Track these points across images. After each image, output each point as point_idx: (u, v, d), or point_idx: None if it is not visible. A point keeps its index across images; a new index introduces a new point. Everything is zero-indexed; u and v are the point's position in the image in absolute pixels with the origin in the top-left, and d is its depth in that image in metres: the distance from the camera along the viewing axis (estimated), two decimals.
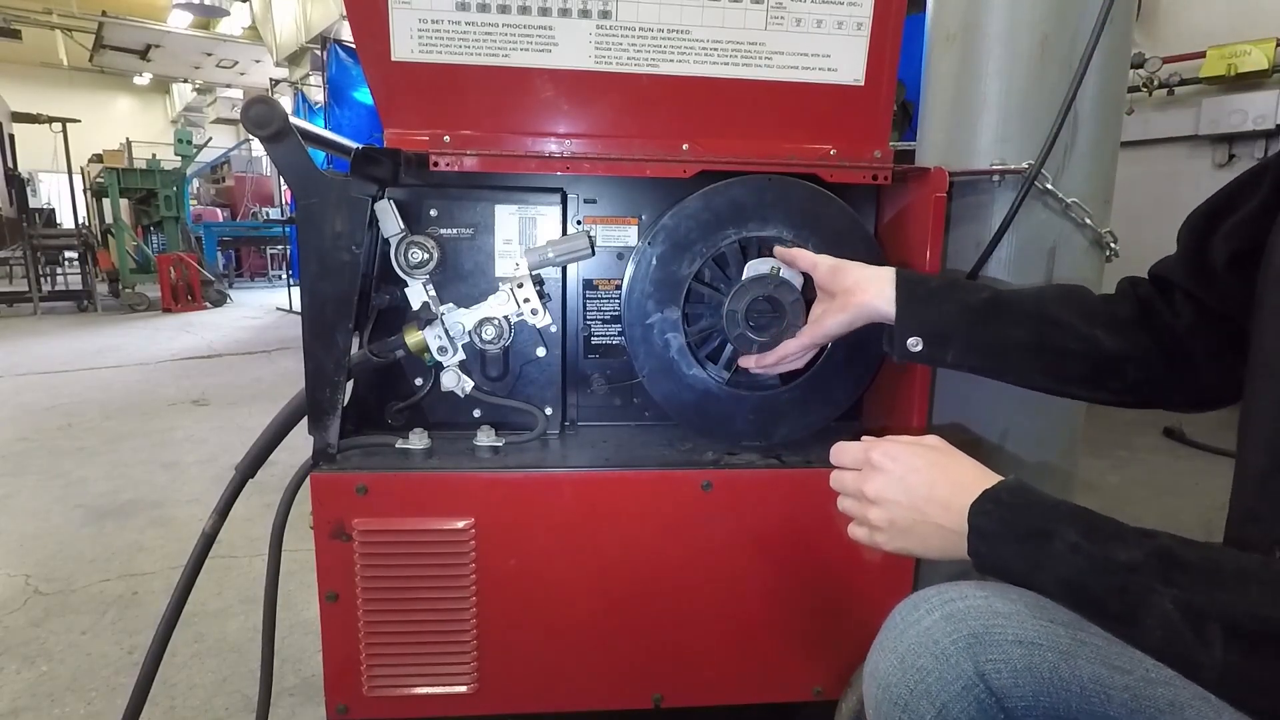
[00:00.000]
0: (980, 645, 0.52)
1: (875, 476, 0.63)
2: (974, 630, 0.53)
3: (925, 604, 0.57)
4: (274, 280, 10.98)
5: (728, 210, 0.99)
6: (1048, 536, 0.52)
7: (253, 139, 1.80)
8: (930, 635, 0.54)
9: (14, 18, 12.01)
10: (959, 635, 0.53)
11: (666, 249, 0.99)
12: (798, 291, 0.99)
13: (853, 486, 0.66)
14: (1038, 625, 0.53)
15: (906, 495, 0.61)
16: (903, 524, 0.61)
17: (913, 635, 0.55)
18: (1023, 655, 0.51)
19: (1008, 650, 0.52)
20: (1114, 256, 1.14)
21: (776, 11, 1.00)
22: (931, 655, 0.53)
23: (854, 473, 0.66)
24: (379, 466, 0.93)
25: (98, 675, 1.43)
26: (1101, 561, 0.50)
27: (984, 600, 0.55)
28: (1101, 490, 2.43)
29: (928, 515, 0.60)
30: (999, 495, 0.56)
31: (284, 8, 9.18)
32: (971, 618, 0.54)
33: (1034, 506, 0.55)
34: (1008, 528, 0.55)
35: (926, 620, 0.55)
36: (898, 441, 0.65)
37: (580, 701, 1.01)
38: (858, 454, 0.66)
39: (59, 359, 4.77)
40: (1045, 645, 0.52)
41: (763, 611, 1.00)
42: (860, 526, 0.66)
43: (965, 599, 0.56)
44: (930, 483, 0.60)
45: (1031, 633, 0.53)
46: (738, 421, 1.04)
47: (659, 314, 1.00)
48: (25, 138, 7.66)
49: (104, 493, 2.40)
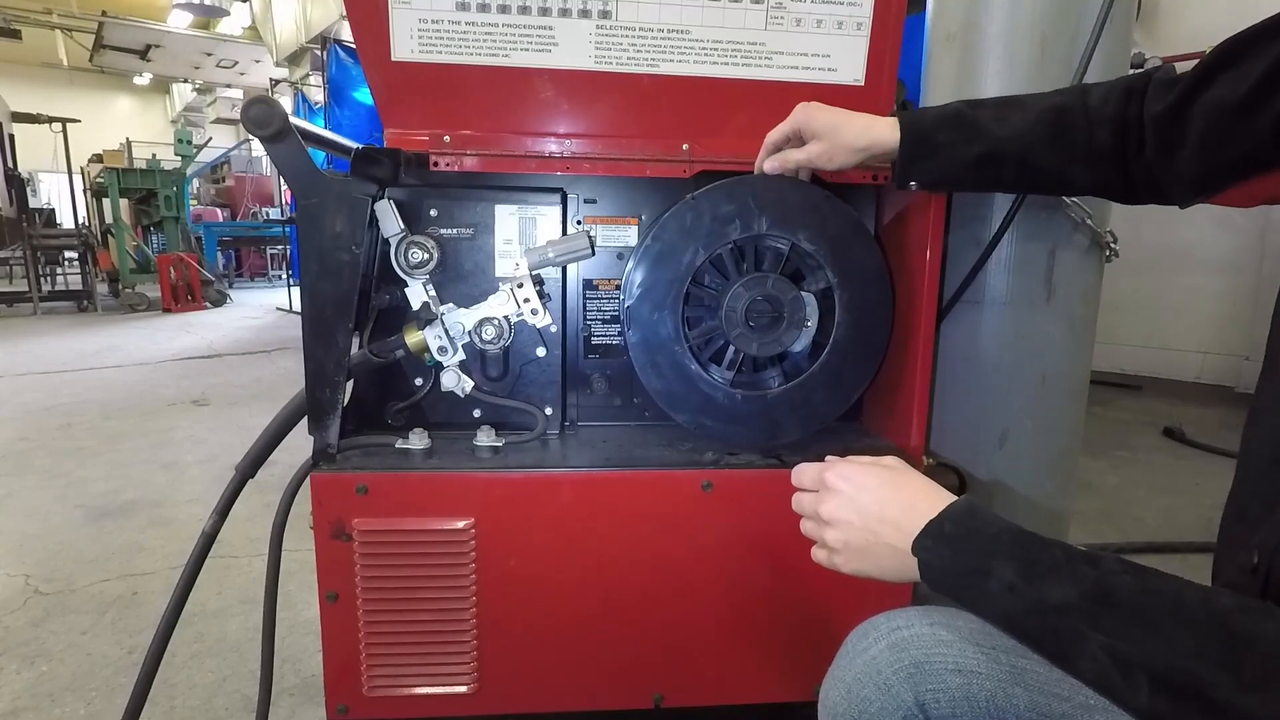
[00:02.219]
0: (920, 675, 0.53)
1: (830, 498, 0.63)
2: (915, 660, 0.54)
3: (874, 632, 0.58)
4: (274, 280, 10.98)
5: (727, 211, 0.99)
6: (985, 574, 0.52)
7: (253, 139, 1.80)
8: (875, 665, 0.55)
9: (14, 18, 12.01)
10: (901, 665, 0.54)
11: (665, 251, 0.99)
12: (796, 289, 0.99)
13: (810, 508, 0.66)
14: (978, 653, 0.54)
15: (859, 516, 0.60)
16: (857, 545, 0.61)
17: (860, 665, 0.56)
18: (961, 684, 0.52)
19: (946, 680, 0.53)
20: (1114, 256, 1.14)
21: (776, 11, 1.00)
22: (875, 685, 0.54)
23: (811, 494, 0.66)
24: (379, 466, 0.93)
25: (98, 675, 1.43)
26: (1034, 603, 0.49)
27: (929, 629, 0.56)
28: (1102, 490, 2.43)
29: (880, 536, 0.59)
30: (942, 528, 0.56)
31: (284, 8, 9.18)
32: (914, 646, 0.55)
33: (974, 539, 0.54)
34: (948, 564, 0.54)
35: (873, 649, 0.57)
36: (853, 462, 0.65)
37: (580, 701, 1.01)
38: (815, 475, 0.66)
39: (59, 359, 4.77)
40: (984, 674, 0.53)
41: (763, 611, 1.00)
42: (820, 549, 0.65)
43: (911, 627, 0.57)
44: (882, 503, 0.60)
45: (971, 661, 0.54)
46: (741, 422, 1.03)
47: (658, 317, 1.00)
48: (25, 138, 7.66)
49: (104, 493, 2.40)
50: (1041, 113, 0.76)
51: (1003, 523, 0.54)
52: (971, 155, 0.79)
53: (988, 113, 0.79)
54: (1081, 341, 1.19)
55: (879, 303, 1.02)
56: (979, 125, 0.78)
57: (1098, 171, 0.76)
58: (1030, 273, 1.13)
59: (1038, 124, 0.76)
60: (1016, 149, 0.78)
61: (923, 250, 0.99)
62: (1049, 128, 0.76)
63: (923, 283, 1.00)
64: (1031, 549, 0.51)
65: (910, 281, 1.03)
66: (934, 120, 0.81)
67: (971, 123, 0.79)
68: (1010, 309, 1.15)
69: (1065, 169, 0.78)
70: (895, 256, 1.06)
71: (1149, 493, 2.42)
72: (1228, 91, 0.63)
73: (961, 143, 0.80)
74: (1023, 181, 0.84)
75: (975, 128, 0.79)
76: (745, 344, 1.00)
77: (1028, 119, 0.77)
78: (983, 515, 0.56)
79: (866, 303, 1.02)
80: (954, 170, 0.82)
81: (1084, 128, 0.75)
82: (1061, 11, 1.06)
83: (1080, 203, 1.09)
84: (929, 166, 0.83)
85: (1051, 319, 1.15)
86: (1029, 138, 0.77)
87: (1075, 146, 0.76)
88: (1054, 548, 0.51)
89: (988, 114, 0.79)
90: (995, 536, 0.53)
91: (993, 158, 0.79)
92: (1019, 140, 0.77)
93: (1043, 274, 1.13)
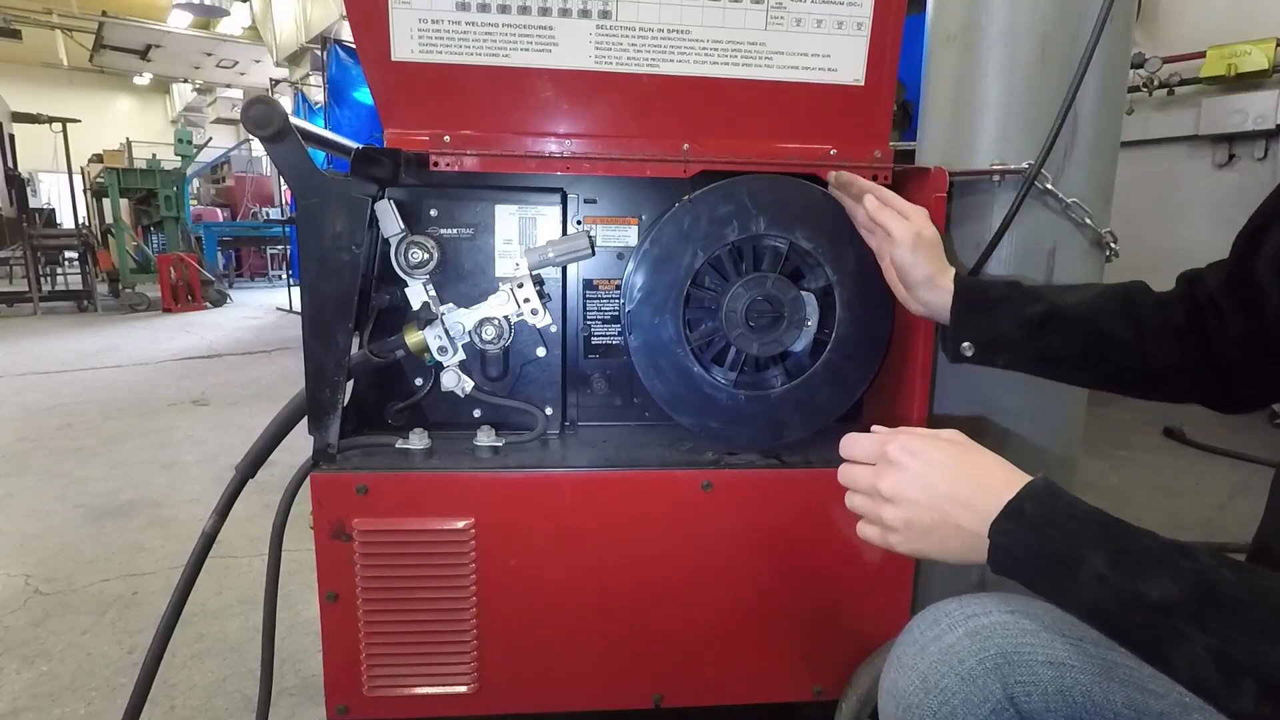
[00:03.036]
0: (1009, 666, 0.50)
1: (891, 472, 0.57)
2: (1002, 649, 0.51)
3: (946, 618, 0.54)
4: (274, 280, 10.98)
5: (724, 212, 0.99)
6: (1072, 565, 0.47)
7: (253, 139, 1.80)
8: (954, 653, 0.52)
9: (14, 18, 12.01)
10: (986, 655, 0.51)
11: (664, 254, 0.99)
12: (795, 289, 0.99)
13: (866, 483, 0.59)
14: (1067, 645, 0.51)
15: (927, 494, 0.55)
16: (921, 525, 0.55)
17: (935, 652, 0.52)
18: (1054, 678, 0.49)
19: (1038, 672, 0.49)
20: (1114, 257, 1.14)
21: (776, 11, 1.00)
22: (957, 675, 0.51)
23: (867, 468, 0.60)
24: (379, 466, 0.93)
25: (98, 675, 1.43)
26: (1130, 598, 0.45)
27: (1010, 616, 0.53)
28: (1102, 490, 2.43)
29: (949, 516, 0.53)
30: (1021, 509, 0.51)
31: (284, 8, 9.18)
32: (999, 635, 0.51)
33: (1058, 523, 0.49)
34: (1030, 551, 0.49)
35: (949, 636, 0.53)
36: (916, 434, 0.59)
37: (580, 701, 1.01)
38: (872, 447, 0.60)
39: (59, 359, 4.77)
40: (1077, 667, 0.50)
41: (763, 611, 1.00)
42: (871, 526, 0.60)
43: (989, 614, 0.53)
44: (952, 480, 0.54)
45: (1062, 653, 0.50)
46: (744, 423, 1.03)
47: (659, 320, 1.00)
48: (25, 138, 7.66)
49: (104, 493, 2.40)
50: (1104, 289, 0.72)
51: (1087, 506, 0.50)
52: (1034, 314, 0.73)
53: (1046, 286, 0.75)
54: None
55: (879, 299, 1.02)
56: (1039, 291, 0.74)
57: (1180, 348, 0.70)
58: (1030, 273, 1.13)
59: (1102, 297, 0.72)
60: (1084, 314, 0.72)
61: None
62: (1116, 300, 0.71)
63: None
64: (1123, 537, 0.48)
65: None
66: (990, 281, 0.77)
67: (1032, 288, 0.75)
68: None
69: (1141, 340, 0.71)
70: None
71: (1149, 493, 2.42)
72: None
73: (1022, 301, 0.74)
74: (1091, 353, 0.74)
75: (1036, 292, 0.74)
76: (746, 344, 1.00)
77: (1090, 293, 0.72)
78: (1065, 497, 0.51)
79: (867, 299, 1.02)
80: (1012, 330, 0.75)
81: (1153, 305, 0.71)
82: (1061, 11, 1.06)
83: (1080, 203, 1.09)
84: (984, 325, 0.76)
85: None
86: (1095, 305, 0.72)
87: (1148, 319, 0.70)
88: (1144, 537, 0.47)
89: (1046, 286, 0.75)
90: (1081, 521, 0.49)
91: (1057, 319, 0.73)
92: (1085, 307, 0.72)
93: (1043, 274, 1.13)
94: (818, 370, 1.03)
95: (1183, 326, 0.70)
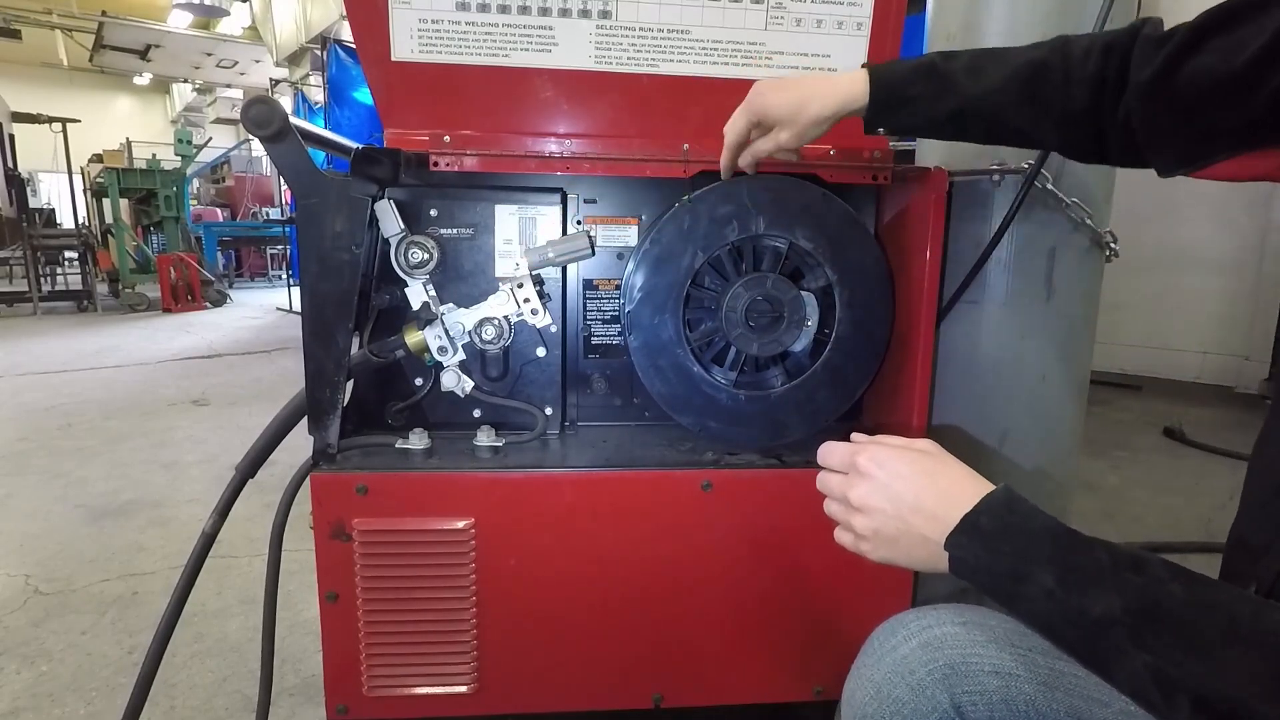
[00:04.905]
0: (956, 676, 0.51)
1: (860, 483, 0.59)
2: (950, 660, 0.52)
3: (903, 629, 0.56)
4: (274, 280, 10.97)
5: (724, 212, 0.99)
6: (1022, 579, 0.49)
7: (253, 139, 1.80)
8: (906, 664, 0.53)
9: (14, 18, 12.01)
10: (935, 665, 0.52)
11: (664, 254, 0.99)
12: (795, 289, 0.99)
13: (838, 491, 0.62)
14: (1015, 655, 0.52)
15: (892, 504, 0.57)
16: (887, 534, 0.57)
17: (889, 663, 0.54)
18: (999, 687, 0.51)
19: (984, 682, 0.51)
20: (1114, 256, 1.14)
21: (776, 11, 1.00)
22: (907, 685, 0.53)
23: (840, 476, 0.62)
24: (379, 466, 0.93)
25: (98, 675, 1.43)
26: (1075, 614, 0.46)
27: (961, 628, 0.54)
28: (1101, 490, 2.43)
29: (914, 526, 0.55)
30: (977, 523, 0.52)
31: (284, 8, 9.18)
32: (948, 646, 0.53)
33: (1011, 537, 0.51)
34: (982, 566, 0.51)
35: (904, 648, 0.55)
36: (886, 445, 0.61)
37: (580, 701, 1.01)
38: (845, 456, 0.62)
39: (59, 359, 4.77)
40: (1022, 676, 0.51)
41: (763, 611, 1.00)
42: (845, 533, 0.62)
43: (942, 625, 0.55)
44: (917, 491, 0.56)
45: (1008, 663, 0.52)
46: (745, 423, 1.03)
47: (659, 320, 1.00)
48: (25, 138, 7.66)
49: (104, 493, 2.40)
50: (1018, 69, 0.73)
51: (1043, 519, 0.51)
52: (942, 111, 0.77)
53: (961, 66, 0.76)
54: (1081, 341, 1.19)
55: (879, 298, 1.02)
56: (951, 80, 0.76)
57: (1069, 132, 0.73)
58: (1030, 273, 1.13)
59: (1012, 80, 0.73)
60: (988, 107, 0.75)
61: (923, 250, 0.99)
62: (1024, 85, 0.73)
63: (923, 282, 1.00)
64: (1073, 551, 0.48)
65: (910, 281, 1.03)
66: (905, 74, 0.78)
67: (943, 76, 0.76)
68: (1010, 309, 1.15)
69: (1036, 128, 0.75)
70: (895, 256, 1.06)
71: (1149, 493, 2.42)
72: (1220, 61, 0.58)
73: (933, 98, 0.77)
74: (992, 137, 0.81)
75: (947, 82, 0.76)
76: (746, 344, 1.00)
77: (1003, 74, 0.74)
78: (1021, 509, 0.52)
79: (867, 298, 1.02)
80: (922, 124, 0.80)
81: (1060, 85, 0.71)
82: (1061, 11, 1.06)
83: (1080, 203, 1.09)
84: (898, 119, 0.81)
85: (1051, 319, 1.15)
86: (1001, 96, 0.74)
87: (1050, 106, 0.72)
88: (1097, 550, 0.48)
89: (961, 67, 0.76)
90: (1034, 535, 0.50)
91: (963, 114, 0.77)
92: (991, 98, 0.75)
93: (1043, 274, 1.13)
94: (817, 370, 1.03)
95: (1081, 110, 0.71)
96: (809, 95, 0.80)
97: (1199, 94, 0.60)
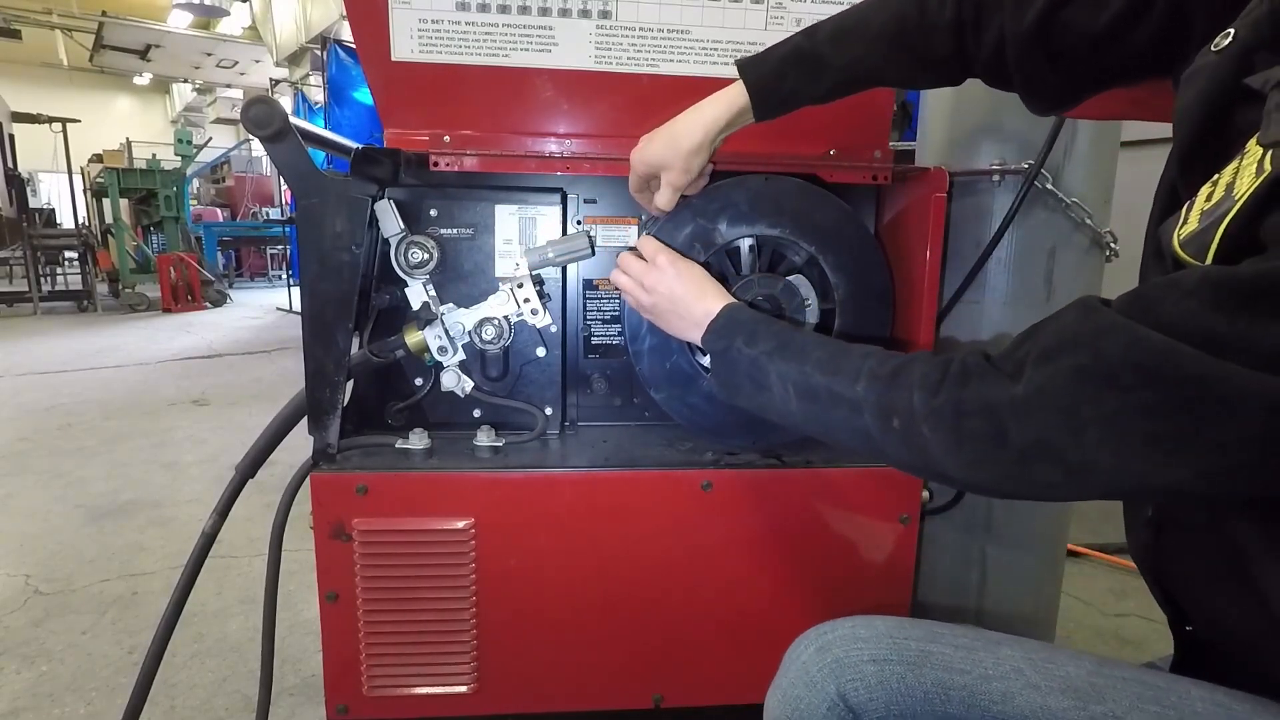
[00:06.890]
0: (841, 668, 0.59)
1: (654, 272, 0.86)
2: (837, 657, 0.60)
3: (805, 640, 0.64)
4: (274, 280, 10.98)
5: (726, 212, 0.99)
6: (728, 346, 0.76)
7: (253, 139, 1.80)
8: (805, 668, 0.61)
9: (14, 18, 12.01)
10: (825, 663, 0.60)
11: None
12: (799, 294, 0.99)
13: (636, 273, 0.89)
14: (890, 644, 0.60)
15: (668, 291, 0.85)
16: (660, 309, 0.86)
17: (794, 671, 0.62)
18: (875, 672, 0.58)
19: (863, 669, 0.58)
20: (1114, 256, 1.14)
21: (776, 11, 1.00)
22: (804, 685, 0.60)
23: (641, 263, 0.89)
24: (379, 466, 0.93)
25: (98, 675, 1.44)
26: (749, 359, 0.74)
27: (849, 630, 0.62)
28: None
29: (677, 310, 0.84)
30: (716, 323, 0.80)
31: (284, 8, 9.18)
32: (837, 646, 0.61)
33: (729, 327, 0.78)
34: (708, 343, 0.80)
35: (804, 655, 0.62)
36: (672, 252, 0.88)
37: (580, 701, 1.01)
38: (651, 252, 0.88)
39: (59, 359, 4.77)
40: (894, 660, 0.59)
41: (763, 611, 1.00)
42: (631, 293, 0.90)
43: (835, 630, 0.63)
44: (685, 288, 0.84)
45: (884, 651, 0.59)
46: (747, 424, 1.03)
47: None
48: (25, 138, 7.66)
49: (104, 493, 2.40)
50: (881, 28, 0.77)
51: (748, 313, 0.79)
52: (822, 90, 0.82)
53: (825, 38, 0.79)
54: None
55: (879, 298, 1.02)
56: (820, 59, 0.80)
57: (938, 73, 0.80)
58: (1030, 273, 1.13)
59: (877, 41, 0.78)
60: (862, 71, 0.80)
61: (923, 250, 0.99)
62: (889, 43, 0.77)
63: (923, 282, 1.00)
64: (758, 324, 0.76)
65: (910, 281, 1.03)
66: (776, 66, 0.82)
67: (813, 58, 0.80)
68: (1010, 309, 1.15)
69: (910, 77, 0.82)
70: (895, 256, 1.06)
71: None
72: (1087, 16, 0.65)
73: (809, 81, 0.81)
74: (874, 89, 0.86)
75: (818, 62, 0.80)
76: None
77: (866, 39, 0.78)
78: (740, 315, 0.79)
79: (866, 299, 1.02)
80: (810, 103, 0.84)
81: (923, 35, 0.76)
82: None
83: (1080, 202, 1.09)
84: (786, 109, 0.85)
85: None
86: (871, 59, 0.79)
87: (916, 56, 0.77)
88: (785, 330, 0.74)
89: (825, 40, 0.79)
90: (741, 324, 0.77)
91: (842, 84, 0.82)
92: (863, 63, 0.79)
93: (1043, 274, 1.13)
94: None
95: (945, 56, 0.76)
96: (678, 132, 0.86)
97: (1070, 46, 0.67)
